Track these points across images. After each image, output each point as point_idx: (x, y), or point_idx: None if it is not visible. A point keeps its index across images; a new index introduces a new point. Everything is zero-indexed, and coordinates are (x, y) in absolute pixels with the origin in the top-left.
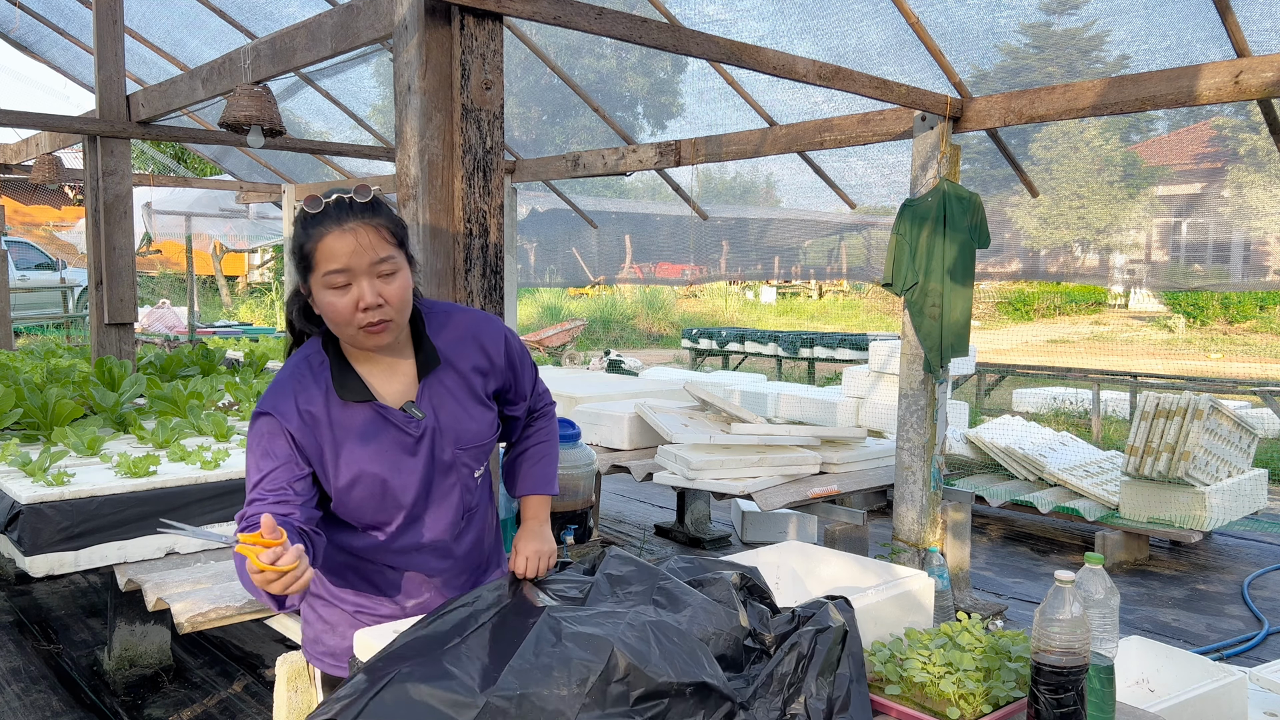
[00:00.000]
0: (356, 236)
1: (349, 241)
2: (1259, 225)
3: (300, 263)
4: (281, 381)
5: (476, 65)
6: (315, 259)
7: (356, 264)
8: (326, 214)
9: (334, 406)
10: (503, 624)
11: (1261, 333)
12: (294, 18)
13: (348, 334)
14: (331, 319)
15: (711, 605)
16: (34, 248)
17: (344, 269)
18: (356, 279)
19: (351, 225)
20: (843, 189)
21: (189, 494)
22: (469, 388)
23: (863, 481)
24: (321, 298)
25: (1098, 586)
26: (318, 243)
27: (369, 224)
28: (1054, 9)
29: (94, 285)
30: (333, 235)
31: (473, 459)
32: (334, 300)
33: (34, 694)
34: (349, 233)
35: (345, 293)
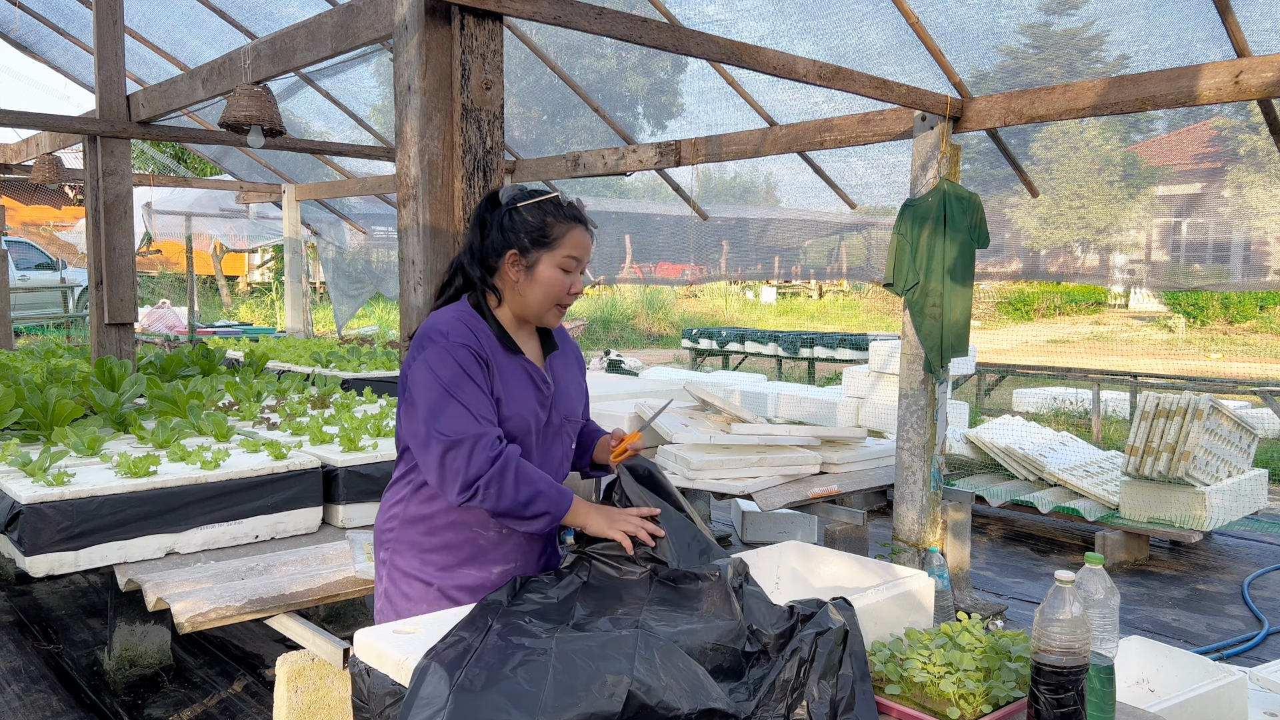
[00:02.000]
0: (591, 239)
1: (589, 241)
2: (1259, 225)
3: (538, 238)
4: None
5: (476, 65)
6: (561, 242)
7: (585, 259)
8: (577, 211)
9: (497, 350)
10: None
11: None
12: (294, 18)
13: (542, 306)
14: (548, 291)
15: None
16: (34, 248)
17: (579, 259)
18: (577, 270)
19: (589, 231)
20: (843, 189)
21: (189, 494)
22: (573, 376)
23: (863, 481)
24: (548, 273)
25: (1098, 586)
26: (570, 230)
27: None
28: (1054, 9)
29: (94, 285)
30: (582, 231)
31: (571, 430)
32: (560, 278)
33: (34, 694)
34: (590, 235)
35: (568, 277)
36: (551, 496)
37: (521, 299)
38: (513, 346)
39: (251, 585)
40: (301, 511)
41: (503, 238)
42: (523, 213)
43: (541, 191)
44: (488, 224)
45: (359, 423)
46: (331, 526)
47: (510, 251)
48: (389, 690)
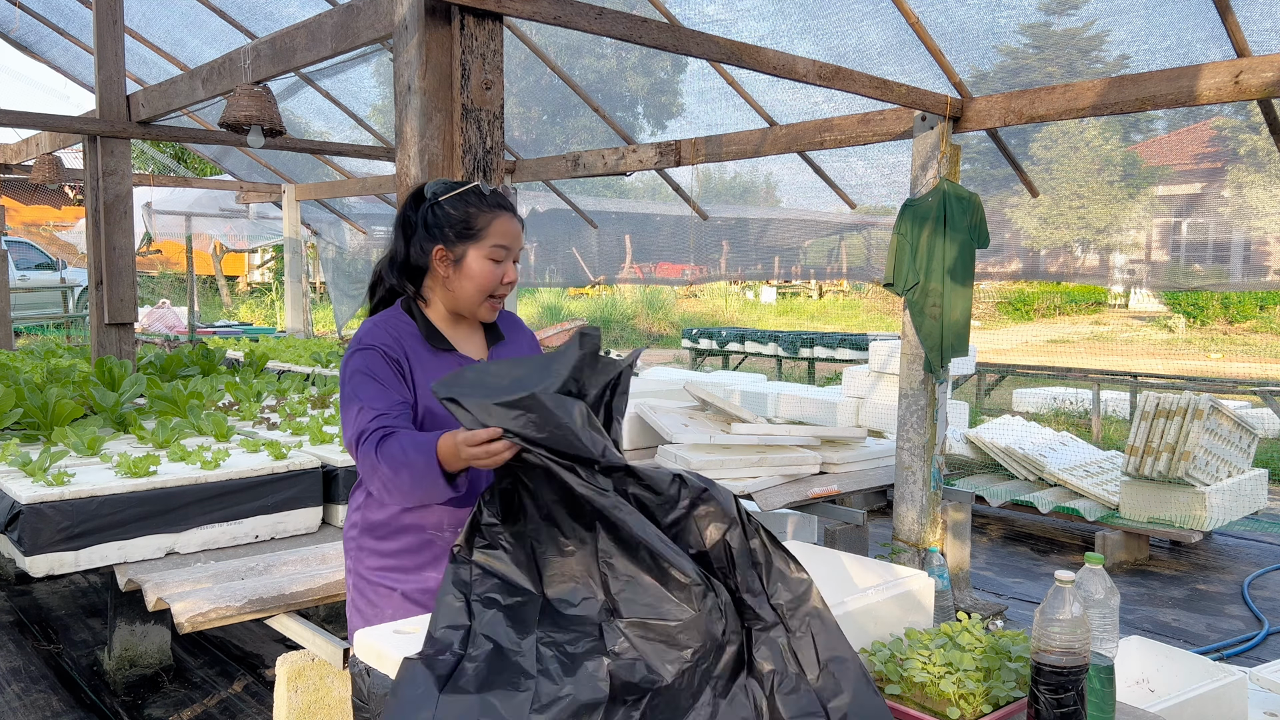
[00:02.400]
0: (520, 226)
1: (516, 228)
2: (1259, 225)
3: (462, 230)
4: (374, 325)
5: (476, 65)
6: (487, 232)
7: (514, 247)
8: (500, 199)
9: (421, 350)
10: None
11: (1261, 333)
12: (294, 18)
13: (474, 301)
14: (478, 284)
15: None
16: (34, 248)
17: (508, 248)
18: (508, 259)
19: (517, 216)
20: (843, 189)
21: (189, 494)
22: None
23: (863, 481)
24: (476, 265)
25: (1098, 586)
26: (494, 220)
27: (520, 218)
28: (1054, 9)
29: (94, 285)
30: (507, 219)
31: None
32: (490, 270)
33: (34, 694)
34: (516, 221)
35: (498, 267)
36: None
37: (453, 294)
38: (442, 344)
39: (251, 585)
40: (301, 511)
41: (428, 234)
42: (444, 206)
43: (464, 182)
44: (412, 223)
45: None
46: (331, 526)
47: (437, 247)
48: (389, 690)
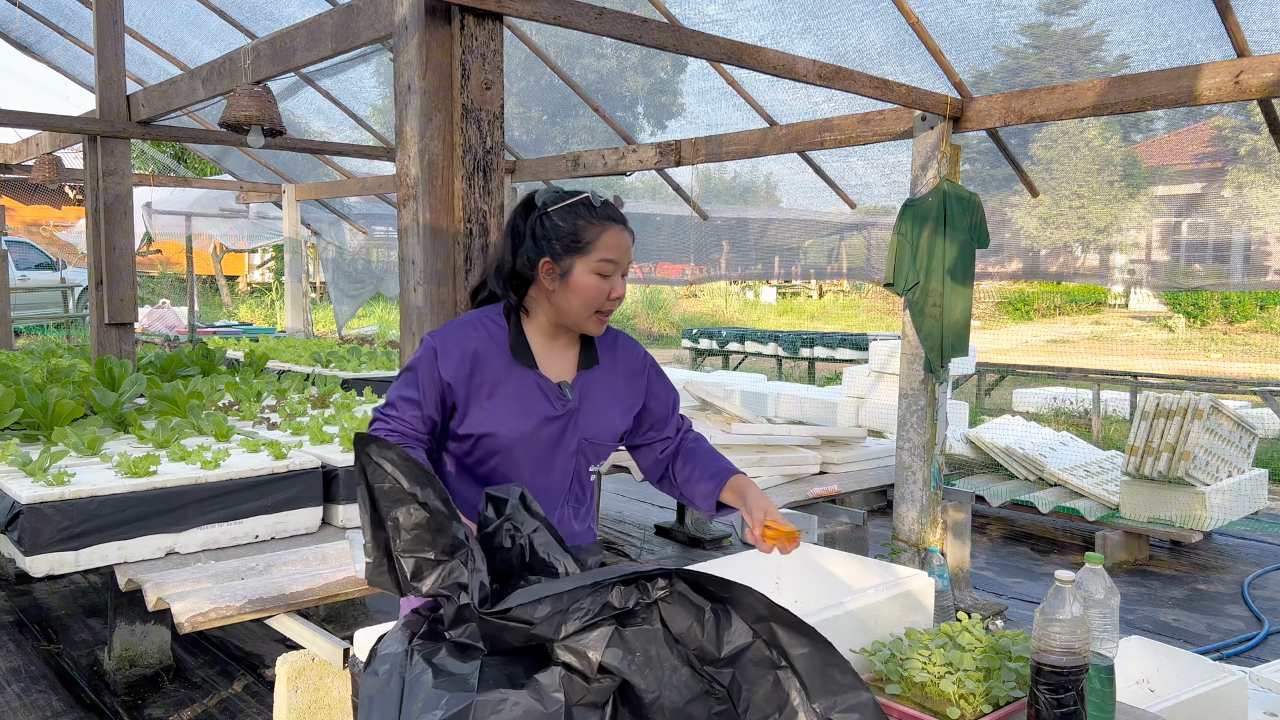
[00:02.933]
0: (629, 238)
1: (626, 241)
2: (1259, 225)
3: (570, 243)
4: (460, 324)
5: (476, 65)
6: (595, 245)
7: (623, 261)
8: (610, 211)
9: (500, 361)
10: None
11: (1261, 333)
12: (294, 18)
13: (581, 314)
14: (584, 299)
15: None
16: (34, 248)
17: (616, 262)
18: (616, 273)
19: (627, 227)
20: (843, 189)
21: (189, 494)
22: (615, 393)
23: (863, 481)
24: (583, 279)
25: (1098, 586)
26: (603, 232)
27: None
28: (1054, 9)
29: (94, 285)
30: (616, 231)
31: (594, 453)
32: (597, 284)
33: (34, 694)
34: (626, 234)
35: (606, 281)
36: None
37: (558, 309)
38: (525, 360)
39: (251, 585)
40: (301, 511)
41: (535, 246)
42: (553, 218)
43: (575, 193)
44: (520, 233)
45: (359, 423)
46: (331, 526)
47: (544, 260)
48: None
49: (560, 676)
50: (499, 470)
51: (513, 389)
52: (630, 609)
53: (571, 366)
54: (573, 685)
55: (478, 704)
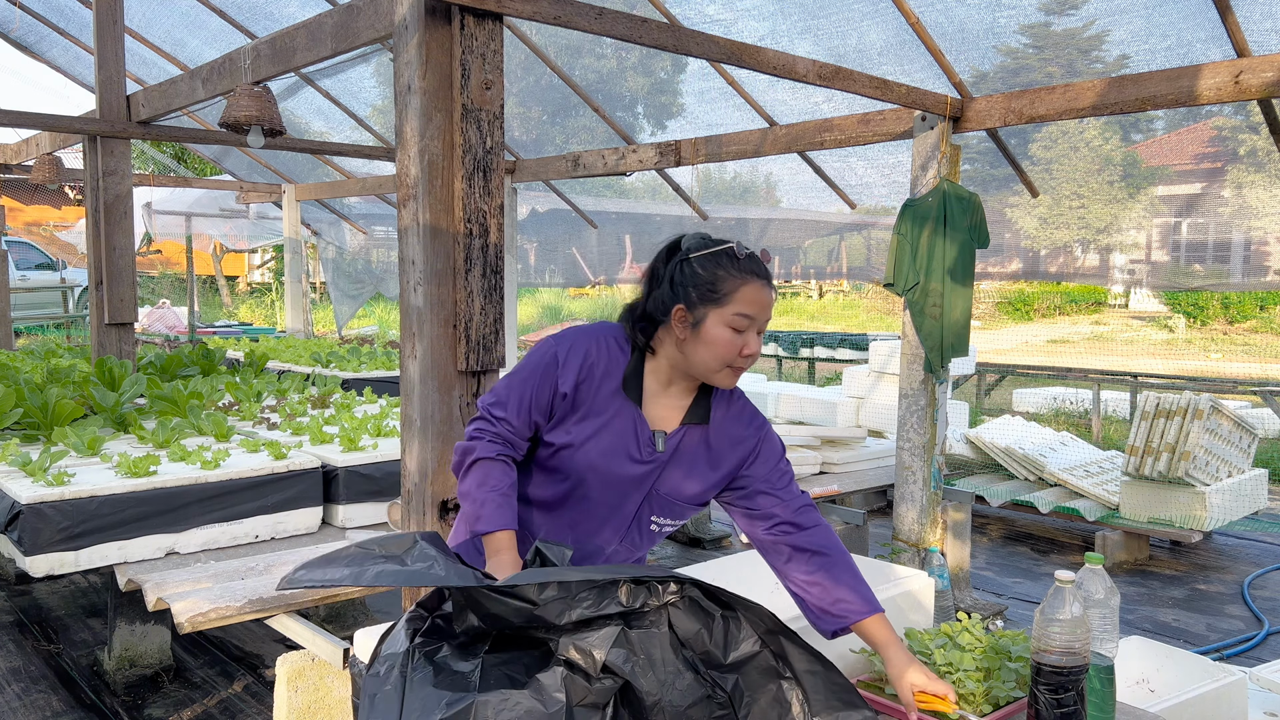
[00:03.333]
0: (770, 295)
1: (767, 298)
2: (1259, 225)
3: (706, 293)
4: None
5: (476, 65)
6: (732, 297)
7: (761, 318)
8: (754, 265)
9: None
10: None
11: (1261, 333)
12: (294, 18)
13: (709, 367)
14: (714, 352)
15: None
16: (34, 248)
17: (753, 318)
18: (751, 329)
19: (769, 284)
20: (843, 189)
21: (189, 494)
22: (711, 457)
23: (863, 481)
24: (715, 331)
25: (1098, 586)
26: (743, 285)
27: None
28: (1054, 9)
29: (94, 285)
30: (757, 286)
31: (666, 511)
32: (729, 339)
33: (34, 694)
34: (768, 290)
35: (739, 336)
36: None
37: (687, 357)
38: (634, 395)
39: (251, 585)
40: (301, 511)
41: (672, 291)
42: (694, 264)
43: (721, 242)
44: (659, 276)
45: (359, 423)
46: (331, 526)
47: (678, 306)
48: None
49: (562, 676)
50: (568, 488)
51: (609, 419)
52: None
53: (676, 418)
54: (574, 685)
55: (479, 703)
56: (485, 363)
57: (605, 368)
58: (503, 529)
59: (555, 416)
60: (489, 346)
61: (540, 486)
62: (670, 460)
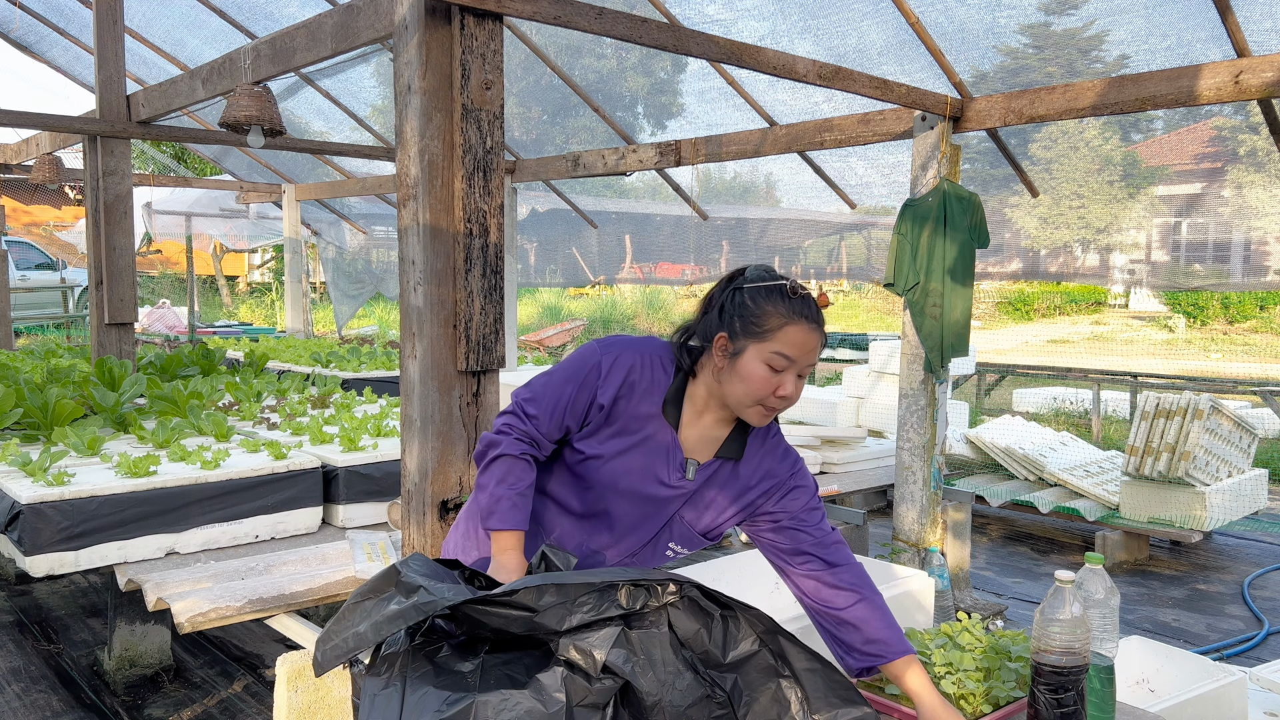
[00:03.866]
0: (817, 340)
1: (812, 341)
2: (1259, 225)
3: (750, 325)
4: (632, 346)
5: (476, 65)
6: (775, 335)
7: (803, 361)
8: (805, 305)
9: (648, 405)
10: None
11: (1261, 333)
12: (294, 18)
13: (740, 402)
14: (748, 387)
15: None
16: (34, 248)
17: (793, 359)
18: (791, 370)
19: (815, 327)
20: (843, 189)
21: (189, 494)
22: (738, 493)
23: (863, 481)
24: (752, 367)
25: (1098, 586)
26: (787, 324)
27: (822, 333)
28: (1054, 9)
29: (94, 285)
30: (804, 329)
31: (685, 540)
32: (764, 376)
33: (34, 694)
34: (815, 333)
35: (776, 375)
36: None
37: (720, 386)
38: (672, 419)
39: (251, 585)
40: (301, 511)
41: (719, 319)
42: (745, 294)
43: (780, 278)
44: (714, 302)
45: (359, 423)
46: (331, 526)
47: (720, 334)
48: None
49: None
50: (591, 497)
51: (643, 438)
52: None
53: (711, 449)
54: (574, 685)
55: (479, 703)
56: (485, 363)
57: (647, 386)
58: (513, 529)
59: (589, 425)
60: (489, 346)
61: (563, 487)
62: (698, 491)
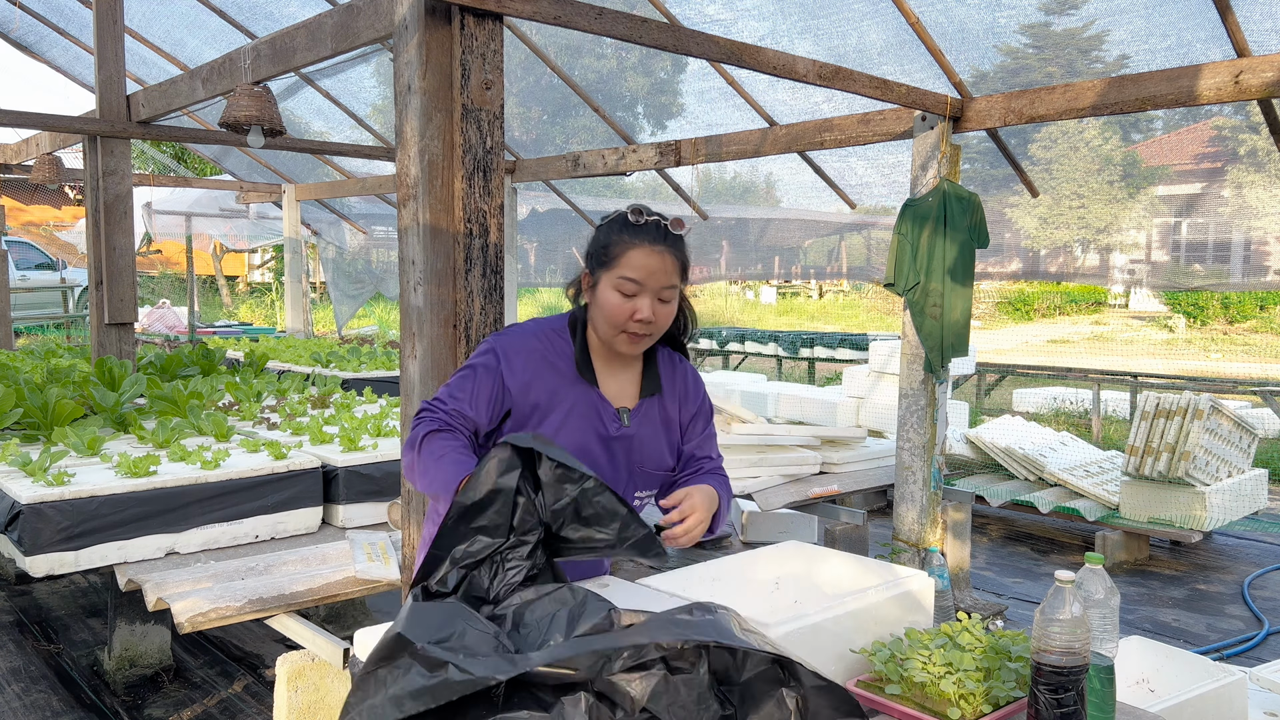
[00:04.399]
0: (662, 260)
1: (655, 261)
2: (1259, 225)
3: (598, 256)
4: (524, 331)
5: (476, 65)
6: (618, 262)
7: (650, 283)
8: (645, 229)
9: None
10: None
11: (1261, 333)
12: (294, 18)
13: (608, 333)
14: (606, 316)
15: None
16: (34, 248)
17: (639, 282)
18: (643, 293)
19: (660, 249)
20: (843, 189)
21: (189, 494)
22: (668, 426)
23: (863, 481)
24: (605, 295)
25: (1098, 586)
26: (628, 250)
27: (672, 254)
28: (1054, 9)
29: (94, 285)
30: (643, 250)
31: (646, 483)
32: (617, 302)
33: (34, 694)
34: (657, 254)
35: (628, 300)
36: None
37: (593, 322)
38: (589, 377)
39: (251, 585)
40: (301, 511)
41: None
42: (599, 231)
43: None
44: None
45: (359, 423)
46: (331, 526)
47: (584, 272)
48: None
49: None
50: None
51: (570, 405)
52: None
53: (633, 392)
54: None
55: None
56: None
57: (554, 357)
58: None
59: (516, 417)
60: None
61: None
62: (637, 433)
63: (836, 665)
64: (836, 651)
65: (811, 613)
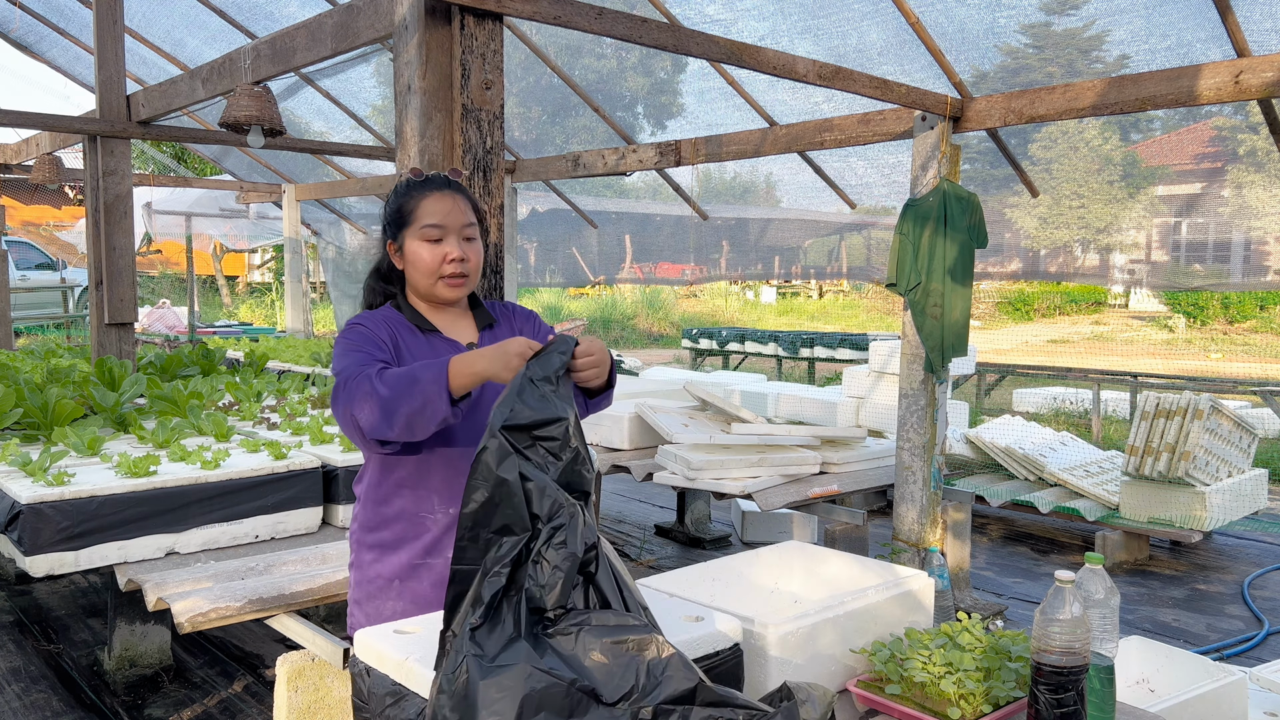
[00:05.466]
0: (454, 200)
1: (448, 203)
2: (1259, 225)
3: (396, 221)
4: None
5: (476, 65)
6: (416, 214)
7: (450, 222)
8: (430, 181)
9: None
10: None
11: (1261, 333)
12: (294, 18)
13: (430, 284)
14: (421, 268)
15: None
16: (34, 248)
17: (440, 224)
18: (448, 235)
19: (449, 192)
20: (843, 189)
21: (189, 494)
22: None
23: (863, 481)
24: (415, 249)
25: (1098, 586)
26: (420, 201)
27: (463, 196)
28: (1054, 9)
29: (94, 285)
30: (434, 197)
31: None
32: (428, 251)
33: (34, 694)
34: (449, 197)
35: (437, 246)
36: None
37: (413, 285)
38: (427, 326)
39: (251, 585)
40: (301, 511)
41: (383, 235)
42: (386, 205)
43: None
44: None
45: None
46: (331, 526)
47: (388, 244)
48: (389, 690)
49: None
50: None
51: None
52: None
53: (472, 330)
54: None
55: None
56: None
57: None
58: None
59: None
60: None
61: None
62: None
63: (836, 665)
64: (836, 651)
65: (811, 613)
